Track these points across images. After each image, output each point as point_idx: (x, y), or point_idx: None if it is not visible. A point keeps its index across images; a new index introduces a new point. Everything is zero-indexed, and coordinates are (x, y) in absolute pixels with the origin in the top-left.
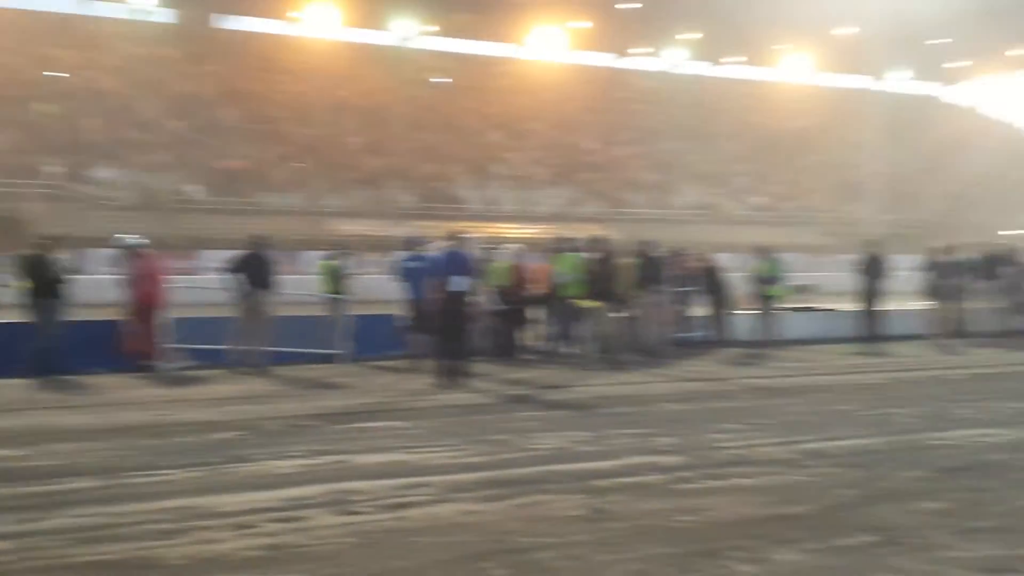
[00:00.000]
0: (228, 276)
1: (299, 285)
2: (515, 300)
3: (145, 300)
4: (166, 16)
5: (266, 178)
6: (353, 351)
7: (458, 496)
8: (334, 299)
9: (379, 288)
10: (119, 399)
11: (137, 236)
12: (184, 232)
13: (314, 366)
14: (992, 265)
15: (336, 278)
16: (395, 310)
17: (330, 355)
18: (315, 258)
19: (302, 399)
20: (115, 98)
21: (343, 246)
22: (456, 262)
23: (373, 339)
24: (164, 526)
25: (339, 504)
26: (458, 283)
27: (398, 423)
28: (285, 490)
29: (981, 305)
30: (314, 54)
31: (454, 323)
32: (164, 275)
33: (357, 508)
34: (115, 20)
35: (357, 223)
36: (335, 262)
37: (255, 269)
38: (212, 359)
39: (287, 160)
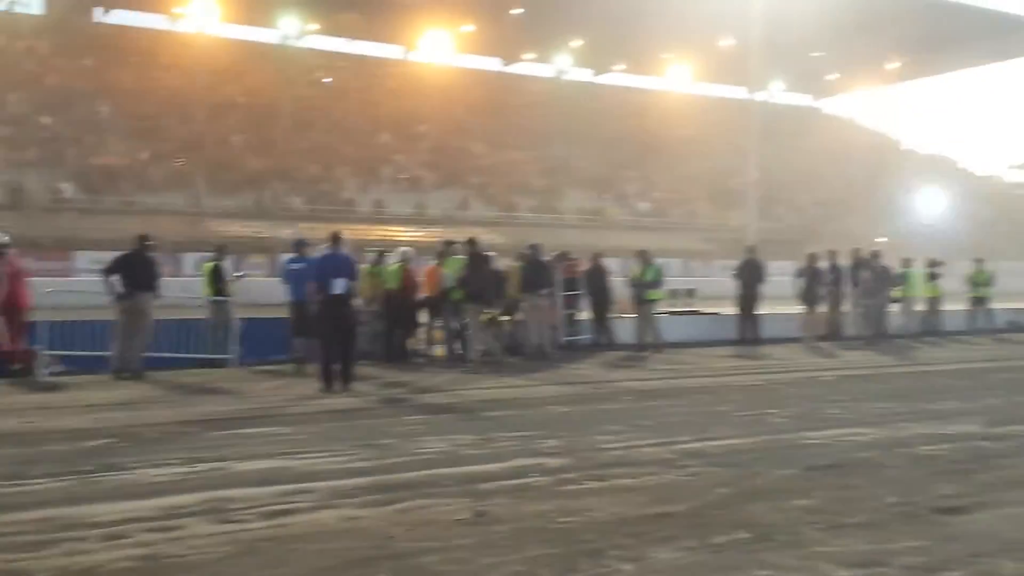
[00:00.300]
0: (106, 278)
1: (181, 287)
2: (404, 304)
3: (9, 302)
4: (40, 8)
5: (144, 177)
6: (238, 355)
7: (341, 502)
8: (216, 302)
9: (266, 291)
10: None
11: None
12: (56, 232)
13: (196, 371)
14: (859, 271)
15: (218, 280)
16: (281, 313)
17: (213, 360)
18: (196, 260)
19: (181, 405)
20: None
21: (224, 247)
22: (336, 265)
23: (259, 343)
24: (32, 537)
25: (217, 512)
26: (338, 286)
27: (280, 429)
28: (160, 499)
29: (850, 309)
30: (196, 50)
31: (335, 326)
32: (28, 276)
33: (236, 516)
34: None
35: (240, 224)
36: (216, 263)
37: (135, 270)
38: (87, 365)
39: (166, 158)
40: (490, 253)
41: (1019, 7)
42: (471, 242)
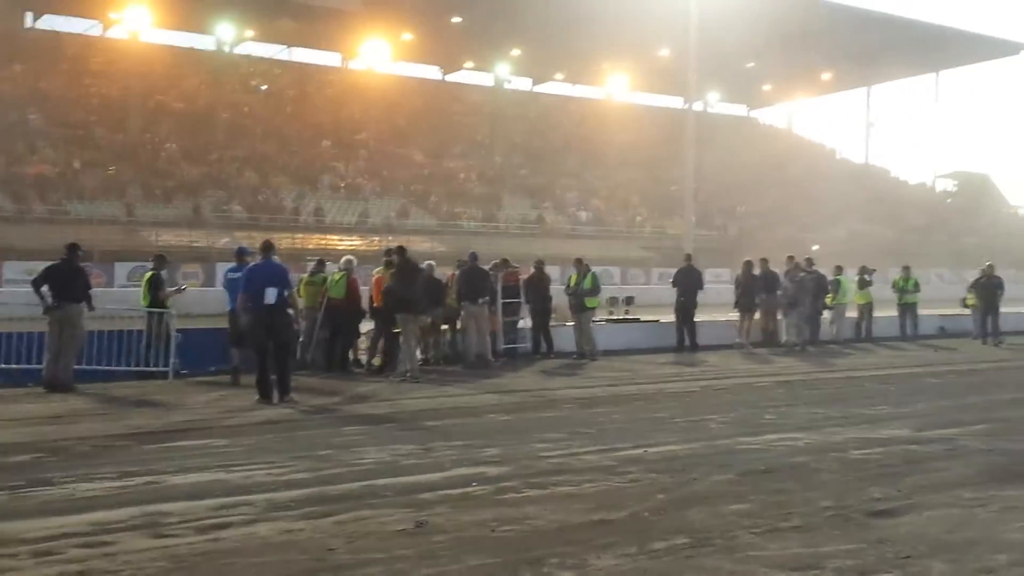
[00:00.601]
0: (35, 289)
1: (115, 298)
2: (348, 313)
3: None
4: None
5: (76, 185)
6: (174, 367)
7: (279, 515)
8: (153, 313)
9: (200, 301)
10: None
11: None
12: None
13: (131, 383)
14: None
15: (155, 290)
16: (219, 323)
17: (149, 372)
18: (130, 270)
19: (113, 418)
20: None
21: (163, 257)
22: (268, 274)
23: (196, 354)
24: None
25: (150, 527)
26: (270, 296)
27: (216, 441)
28: (92, 513)
29: (783, 317)
30: (130, 57)
31: (269, 337)
32: None
33: (170, 530)
34: None
35: (174, 233)
36: (155, 274)
37: (64, 281)
38: (18, 378)
39: (99, 166)
40: (429, 262)
41: (948, 20)
42: (400, 251)
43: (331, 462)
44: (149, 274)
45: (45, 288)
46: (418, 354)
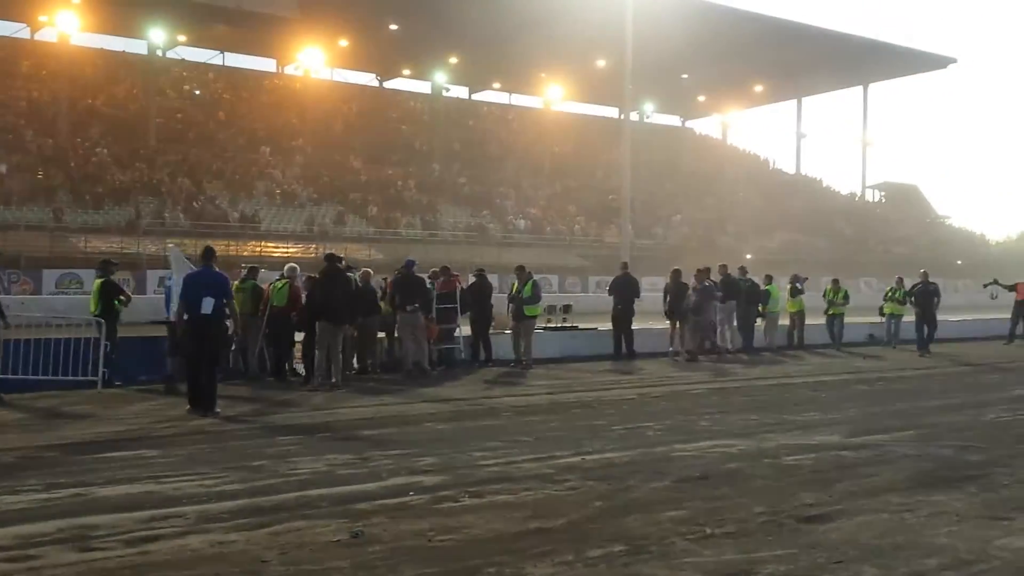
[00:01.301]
0: None
1: (43, 306)
2: (288, 321)
3: None
4: None
5: (1, 190)
6: (104, 376)
7: (210, 526)
8: (100, 321)
9: (131, 309)
10: None
11: None
12: None
13: (60, 393)
14: (726, 288)
15: (106, 297)
16: (150, 332)
17: (77, 381)
18: (57, 277)
19: (40, 429)
20: None
21: (111, 263)
22: (206, 283)
23: (128, 363)
24: None
25: (77, 540)
26: (206, 305)
27: (146, 452)
28: (16, 527)
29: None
30: (59, 60)
31: (203, 346)
32: None
33: (97, 544)
34: None
35: (104, 240)
36: (105, 280)
37: None
38: None
39: (26, 171)
40: (365, 270)
41: (876, 33)
42: (328, 258)
43: (265, 472)
44: (99, 281)
45: None
46: (354, 362)
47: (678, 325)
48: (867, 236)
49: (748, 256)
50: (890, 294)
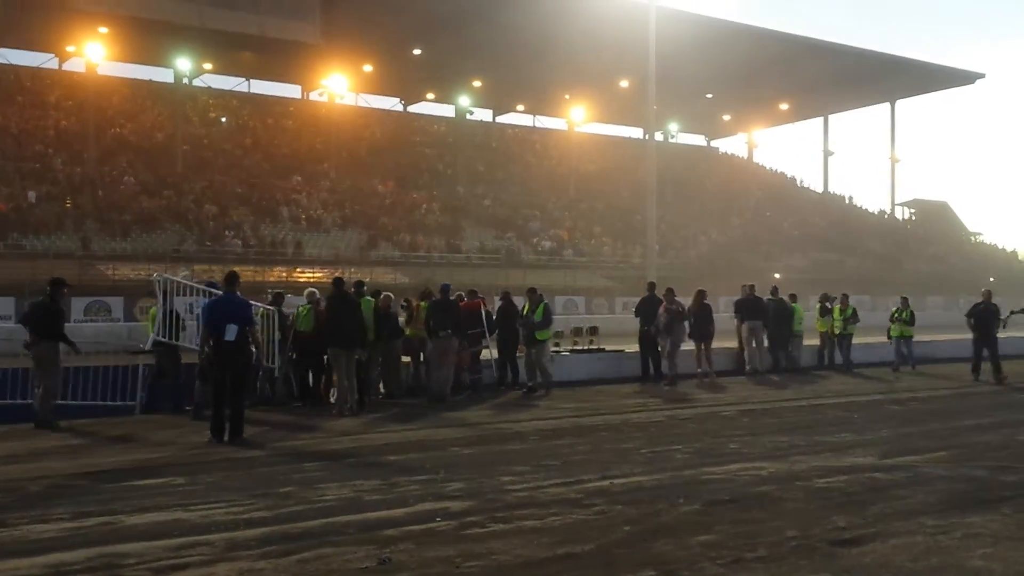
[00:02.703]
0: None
1: (73, 334)
2: (315, 346)
3: None
4: None
5: (30, 218)
6: (141, 402)
7: (238, 554)
8: (163, 346)
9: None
10: None
11: None
12: None
13: (100, 420)
14: (751, 308)
15: (172, 324)
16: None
17: (116, 407)
18: (86, 304)
19: (72, 456)
20: None
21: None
22: (230, 309)
23: (165, 389)
24: None
25: (107, 568)
26: (230, 332)
27: (175, 479)
28: (46, 556)
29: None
30: (87, 90)
31: (227, 373)
32: None
33: (126, 572)
34: None
35: (131, 267)
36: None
37: (39, 318)
38: (6, 414)
39: (54, 200)
40: (386, 294)
41: (901, 50)
42: (335, 283)
43: (292, 499)
44: (153, 308)
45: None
46: (380, 387)
47: (703, 347)
48: (897, 254)
49: (776, 275)
50: (896, 315)
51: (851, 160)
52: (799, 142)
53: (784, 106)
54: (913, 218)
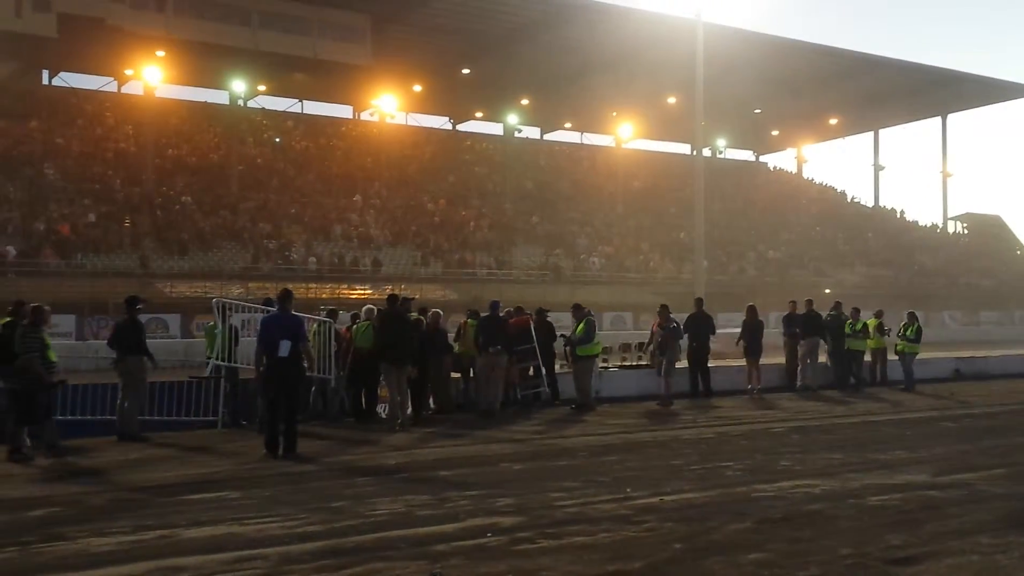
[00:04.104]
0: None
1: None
2: (372, 363)
3: None
4: None
5: (90, 238)
6: (224, 417)
7: (292, 568)
8: (226, 364)
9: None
10: None
11: None
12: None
13: (171, 434)
14: (808, 324)
15: (222, 341)
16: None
17: (200, 421)
18: (144, 321)
19: (130, 471)
20: None
21: (223, 308)
22: (283, 326)
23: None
24: None
25: None
26: (283, 348)
27: (230, 493)
28: (105, 569)
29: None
30: (144, 112)
31: (280, 391)
32: None
33: None
34: None
35: (188, 284)
36: (215, 324)
37: (125, 334)
38: (91, 429)
39: (114, 220)
40: (435, 311)
41: (952, 63)
42: (390, 299)
43: (344, 514)
44: (213, 324)
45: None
46: (430, 402)
47: (754, 362)
48: (950, 268)
49: (827, 291)
50: (902, 331)
51: (902, 174)
52: (849, 157)
53: (833, 121)
54: (966, 232)
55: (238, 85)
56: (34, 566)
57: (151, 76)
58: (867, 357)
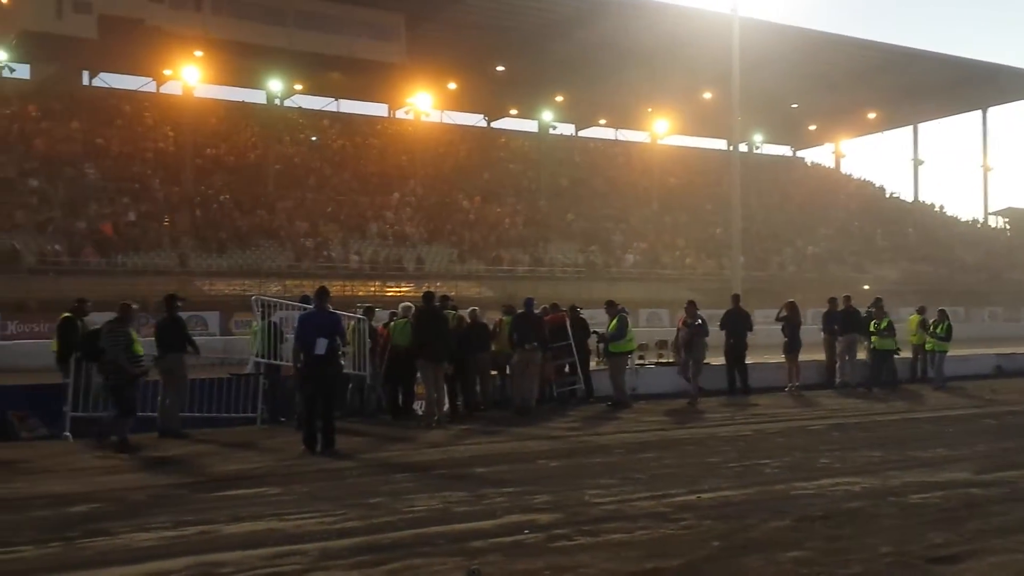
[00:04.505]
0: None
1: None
2: (410, 360)
3: None
4: (28, 73)
5: (130, 237)
6: (262, 414)
7: (331, 563)
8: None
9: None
10: None
11: None
12: (43, 294)
13: (210, 431)
14: (848, 321)
15: (275, 340)
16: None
17: (240, 418)
18: (184, 319)
19: (171, 467)
20: None
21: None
22: (320, 323)
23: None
24: None
25: None
26: (320, 346)
27: (269, 489)
28: (146, 564)
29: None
30: (183, 112)
31: (318, 388)
32: None
33: None
34: None
35: (226, 282)
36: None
37: (165, 332)
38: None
39: (153, 218)
40: (473, 308)
41: (992, 56)
42: (425, 297)
43: (382, 510)
44: (255, 324)
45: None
46: (473, 395)
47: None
48: (991, 264)
49: (865, 287)
50: (932, 329)
51: (942, 169)
52: (888, 151)
53: (872, 115)
54: (1007, 227)
55: (275, 84)
56: (78, 561)
57: (189, 76)
58: (907, 353)
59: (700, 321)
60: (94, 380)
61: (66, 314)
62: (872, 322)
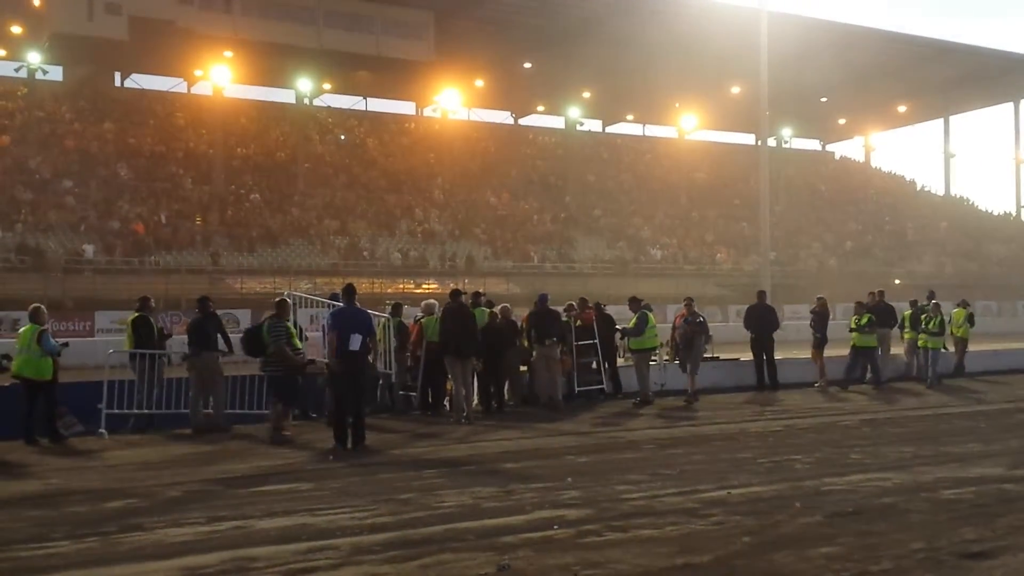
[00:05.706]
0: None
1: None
2: (440, 356)
3: None
4: (61, 74)
5: (162, 236)
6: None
7: (363, 558)
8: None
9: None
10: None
11: None
12: (77, 293)
13: (244, 427)
14: (883, 315)
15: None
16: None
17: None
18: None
19: (205, 463)
20: (7, 157)
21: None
22: (352, 320)
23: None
24: None
25: (239, 572)
26: (354, 342)
27: (301, 485)
28: (181, 559)
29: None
30: (213, 112)
31: (350, 384)
32: None
33: (257, 575)
34: (7, 78)
35: (257, 280)
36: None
37: (199, 331)
38: (167, 422)
39: (185, 218)
40: (504, 305)
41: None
42: (453, 294)
43: (412, 505)
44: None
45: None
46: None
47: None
48: None
49: (896, 281)
50: (924, 324)
51: (974, 162)
52: (918, 144)
53: (902, 108)
54: None
55: (304, 84)
56: (114, 555)
57: (219, 76)
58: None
59: (700, 319)
60: (162, 377)
61: (136, 312)
62: (924, 318)
